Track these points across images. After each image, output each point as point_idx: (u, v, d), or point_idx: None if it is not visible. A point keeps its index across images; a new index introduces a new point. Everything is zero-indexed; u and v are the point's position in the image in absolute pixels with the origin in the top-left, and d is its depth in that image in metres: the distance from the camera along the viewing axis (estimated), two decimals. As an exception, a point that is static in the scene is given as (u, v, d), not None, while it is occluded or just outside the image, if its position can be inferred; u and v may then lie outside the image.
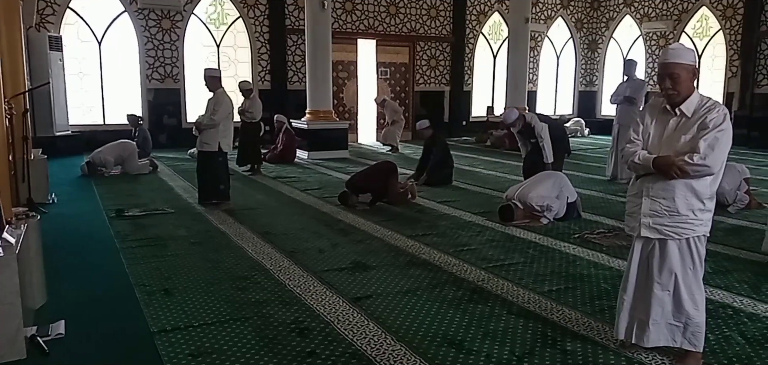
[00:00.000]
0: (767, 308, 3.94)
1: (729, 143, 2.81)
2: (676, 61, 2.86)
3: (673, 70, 2.85)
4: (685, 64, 2.86)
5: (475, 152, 13.12)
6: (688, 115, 2.88)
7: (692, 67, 2.89)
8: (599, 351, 3.26)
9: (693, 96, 2.89)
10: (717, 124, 2.77)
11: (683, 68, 2.85)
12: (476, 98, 16.55)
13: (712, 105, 2.85)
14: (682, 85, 2.86)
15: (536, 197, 6.26)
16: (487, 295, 4.14)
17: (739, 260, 5.03)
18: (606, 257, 5.08)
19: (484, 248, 5.37)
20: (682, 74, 2.85)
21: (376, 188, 7.23)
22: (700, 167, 2.77)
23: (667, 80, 2.87)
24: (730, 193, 6.85)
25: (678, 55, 2.87)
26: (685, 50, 2.92)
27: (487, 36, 16.51)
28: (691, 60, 2.88)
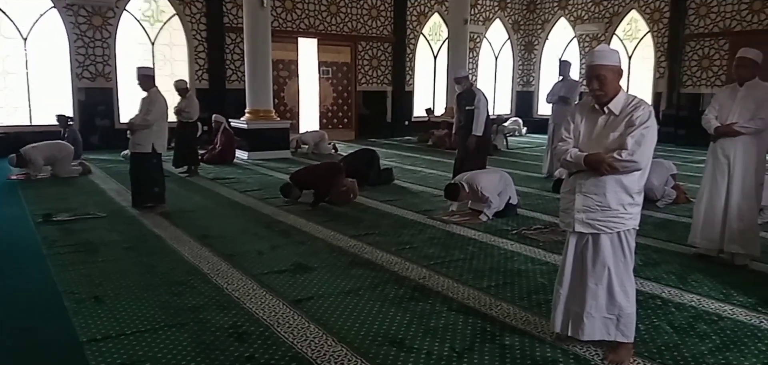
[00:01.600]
0: (693, 297, 4.13)
1: (654, 139, 2.93)
2: (602, 62, 2.97)
3: (599, 71, 2.96)
4: (611, 65, 2.97)
5: (417, 151, 13.22)
6: (616, 113, 2.99)
7: (617, 68, 3.00)
8: (536, 344, 3.33)
9: (620, 95, 3.01)
10: (643, 121, 2.88)
11: (609, 70, 2.96)
12: (418, 98, 16.69)
13: (638, 103, 2.96)
14: (609, 86, 2.97)
15: (484, 186, 6.40)
16: (428, 292, 4.16)
17: (667, 252, 5.26)
18: (542, 253, 5.20)
19: (425, 246, 5.41)
20: (609, 76, 2.95)
21: (320, 187, 7.16)
22: (629, 163, 2.88)
23: (595, 81, 2.98)
24: (658, 189, 7.16)
25: (604, 58, 2.98)
26: (610, 52, 3.03)
27: (427, 37, 16.67)
28: (616, 61, 3.00)
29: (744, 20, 13.35)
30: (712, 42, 13.98)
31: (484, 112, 7.50)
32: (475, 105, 7.47)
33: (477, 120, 7.41)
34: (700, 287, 4.35)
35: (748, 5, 13.26)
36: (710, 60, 14.03)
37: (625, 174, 2.93)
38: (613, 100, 3.00)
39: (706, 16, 14.02)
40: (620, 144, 2.90)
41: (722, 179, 4.80)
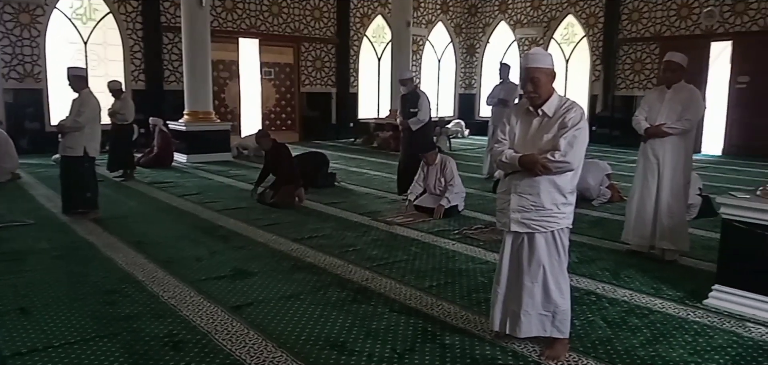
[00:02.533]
0: (625, 292, 4.28)
1: (586, 141, 3.01)
2: (536, 65, 3.04)
3: (533, 73, 3.03)
4: (544, 68, 3.05)
5: (362, 153, 13.22)
6: (549, 115, 3.06)
7: (551, 70, 3.08)
8: (476, 343, 3.37)
9: (553, 97, 3.08)
10: (575, 123, 2.96)
11: (542, 72, 3.03)
12: (362, 100, 16.69)
13: (570, 105, 3.05)
14: (542, 88, 3.04)
15: (455, 168, 6.89)
16: (370, 294, 4.16)
17: (601, 249, 5.44)
18: (483, 252, 5.28)
19: (369, 247, 5.40)
20: (542, 78, 3.03)
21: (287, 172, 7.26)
22: (561, 164, 2.95)
23: (529, 83, 3.05)
24: (594, 188, 7.40)
25: (537, 60, 3.06)
26: (544, 55, 3.11)
27: (371, 39, 16.69)
28: (549, 64, 3.08)
29: (673, 26, 13.97)
30: (643, 46, 14.57)
31: (426, 114, 7.56)
32: (418, 107, 7.53)
33: (417, 117, 7.49)
34: (633, 282, 4.51)
35: (677, 11, 13.89)
36: (642, 64, 14.61)
37: (558, 175, 3.00)
38: (546, 102, 3.07)
39: (638, 21, 14.60)
40: (553, 145, 2.97)
41: (652, 178, 5.01)
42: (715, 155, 13.11)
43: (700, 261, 4.99)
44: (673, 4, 13.93)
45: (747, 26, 12.75)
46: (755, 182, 4.58)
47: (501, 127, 3.27)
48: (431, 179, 6.95)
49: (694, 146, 5.03)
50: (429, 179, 6.97)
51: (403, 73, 8.00)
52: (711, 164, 11.46)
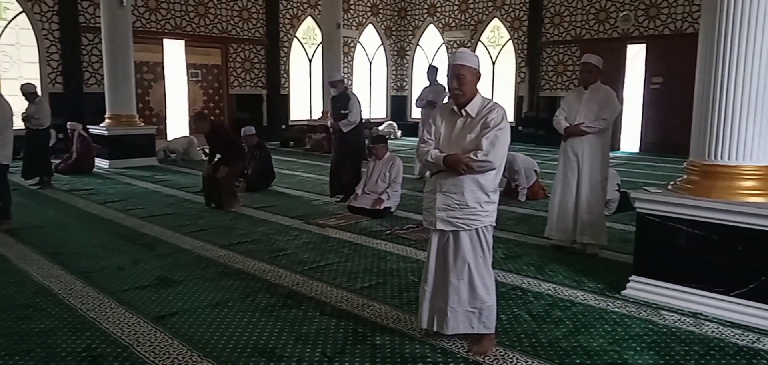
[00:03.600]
0: (549, 286, 4.43)
1: (508, 140, 3.11)
2: (462, 63, 3.12)
3: (459, 71, 3.10)
4: (470, 67, 3.13)
5: (294, 155, 13.09)
6: (472, 115, 3.13)
7: (476, 70, 3.15)
8: (406, 342, 3.40)
9: (476, 98, 3.16)
10: (496, 123, 3.04)
11: (468, 70, 3.11)
12: (294, 102, 16.51)
13: (493, 106, 3.13)
14: (467, 86, 3.11)
15: (401, 167, 7.04)
16: (300, 299, 4.11)
17: (527, 245, 5.60)
18: (414, 251, 5.33)
19: (300, 251, 5.34)
20: (467, 76, 3.11)
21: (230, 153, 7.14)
22: (484, 163, 3.02)
23: (454, 80, 3.12)
24: (522, 180, 7.78)
25: (464, 59, 3.14)
26: (470, 55, 3.20)
27: (301, 40, 16.55)
28: (475, 64, 3.16)
29: (592, 29, 14.60)
30: (565, 49, 15.15)
31: (357, 115, 7.58)
32: (349, 109, 7.52)
33: (348, 119, 7.49)
34: (556, 276, 4.68)
35: (595, 16, 14.53)
36: (564, 66, 15.19)
37: (481, 174, 3.07)
38: (470, 103, 3.14)
39: (560, 24, 15.17)
40: (476, 145, 3.04)
41: (573, 176, 5.21)
42: (632, 152, 13.78)
43: (619, 254, 5.22)
44: (591, 8, 14.56)
45: (660, 30, 13.49)
46: (669, 177, 4.84)
47: (427, 128, 3.32)
48: (376, 174, 6.96)
49: (612, 143, 5.27)
50: (374, 174, 6.98)
51: (333, 75, 7.98)
52: (629, 161, 12.04)
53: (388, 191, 6.79)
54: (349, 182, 7.48)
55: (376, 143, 7.14)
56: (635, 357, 3.25)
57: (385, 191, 6.78)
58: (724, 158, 3.76)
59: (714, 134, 3.78)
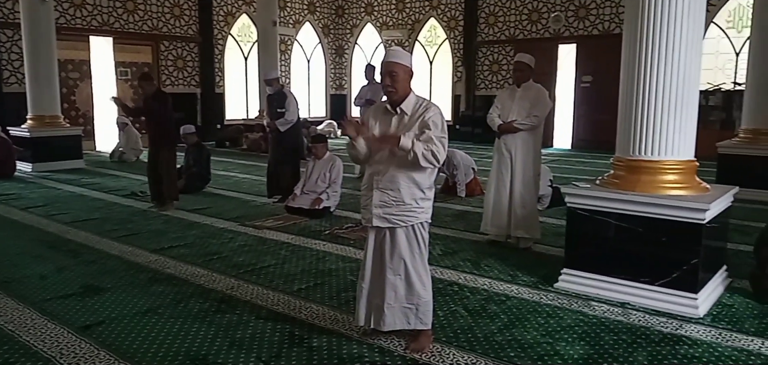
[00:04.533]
0: (485, 281, 4.49)
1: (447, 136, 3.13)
2: (395, 60, 3.14)
3: (392, 68, 3.11)
4: (403, 64, 3.14)
5: (230, 155, 12.81)
6: (408, 113, 3.15)
7: (408, 68, 3.17)
8: (343, 342, 3.37)
9: (410, 96, 3.18)
10: (436, 122, 3.07)
11: (401, 67, 3.13)
12: (230, 101, 16.15)
13: (428, 104, 3.16)
14: (400, 84, 3.12)
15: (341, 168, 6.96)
16: (235, 303, 4.00)
17: (464, 241, 5.68)
18: (353, 250, 5.30)
19: (235, 254, 5.21)
20: (400, 73, 3.12)
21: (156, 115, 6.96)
22: (432, 157, 3.05)
23: (387, 77, 3.12)
24: (460, 176, 7.91)
25: (396, 56, 3.16)
26: (402, 53, 3.22)
27: (236, 38, 16.21)
28: (407, 62, 3.17)
29: (525, 29, 14.99)
30: (500, 48, 15.49)
31: (294, 114, 7.47)
32: (285, 107, 7.41)
33: (285, 117, 7.38)
34: (492, 270, 4.75)
35: (528, 16, 14.92)
36: (499, 65, 15.52)
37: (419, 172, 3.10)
38: (404, 101, 3.15)
39: (495, 24, 15.49)
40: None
41: (506, 172, 5.32)
42: (565, 148, 14.24)
43: (552, 247, 5.37)
44: (524, 9, 14.94)
45: (589, 30, 13.99)
46: (599, 172, 5.01)
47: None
48: (315, 174, 6.87)
49: (545, 140, 5.42)
50: (313, 174, 6.89)
51: (268, 73, 7.84)
52: (561, 158, 12.43)
53: (328, 191, 6.73)
54: (287, 183, 7.37)
55: (316, 142, 7.06)
56: (567, 348, 3.33)
57: (325, 191, 6.72)
58: (648, 154, 3.92)
59: (638, 130, 3.93)
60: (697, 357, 3.23)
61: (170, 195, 7.03)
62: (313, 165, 6.95)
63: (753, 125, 7.91)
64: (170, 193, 7.03)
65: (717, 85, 12.48)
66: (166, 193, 6.99)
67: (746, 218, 6.16)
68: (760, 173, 7.42)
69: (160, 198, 7.02)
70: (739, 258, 4.83)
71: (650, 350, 3.32)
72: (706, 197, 3.83)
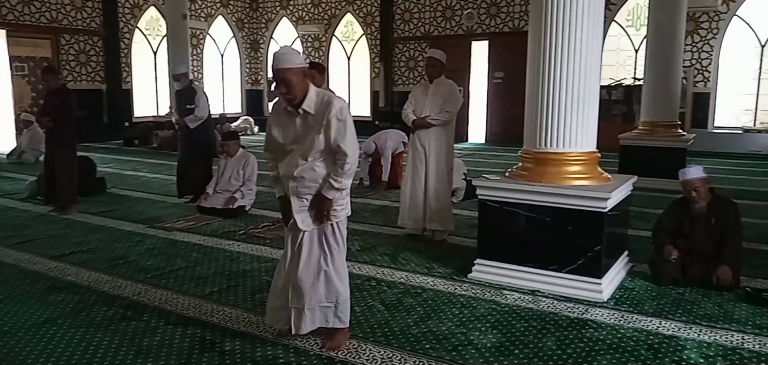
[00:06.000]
0: (402, 274, 4.53)
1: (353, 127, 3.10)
2: (285, 66, 2.95)
3: (284, 75, 2.95)
4: (294, 68, 2.97)
5: (139, 154, 12.25)
6: (311, 112, 3.05)
7: (301, 68, 3.01)
8: (258, 344, 3.28)
9: (310, 94, 3.06)
10: (341, 117, 3.01)
11: (293, 73, 2.96)
12: (138, 97, 15.42)
13: (330, 98, 3.06)
14: (296, 88, 2.99)
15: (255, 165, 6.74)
16: (143, 309, 3.82)
17: (382, 235, 5.70)
18: (269, 250, 5.20)
19: (143, 258, 4.97)
20: (293, 79, 2.96)
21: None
22: (351, 167, 3.05)
23: (283, 86, 2.98)
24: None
25: (285, 61, 2.96)
26: (290, 54, 3.03)
27: (144, 31, 15.50)
28: (299, 63, 3.01)
29: (440, 26, 15.26)
30: (415, 45, 15.68)
31: (205, 110, 7.22)
32: (195, 103, 7.15)
33: (193, 115, 7.14)
34: (409, 263, 4.80)
35: (442, 13, 15.19)
36: (415, 61, 15.72)
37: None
38: (305, 100, 3.04)
39: (410, 21, 15.67)
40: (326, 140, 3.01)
41: (421, 166, 5.38)
42: (479, 143, 14.63)
43: (466, 239, 5.48)
44: (439, 6, 15.20)
45: (500, 27, 14.43)
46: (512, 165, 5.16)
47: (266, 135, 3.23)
48: (228, 172, 6.65)
49: (459, 135, 5.53)
50: (226, 172, 6.67)
51: (176, 68, 7.54)
52: (476, 152, 12.76)
53: (242, 189, 6.56)
54: (198, 182, 7.12)
55: (227, 139, 6.87)
56: (480, 337, 3.41)
57: (239, 189, 6.54)
58: (553, 146, 4.07)
59: (543, 124, 4.08)
60: (602, 339, 3.39)
61: (70, 198, 6.60)
62: (226, 163, 6.75)
63: (651, 118, 8.43)
64: (69, 195, 6.60)
65: (618, 81, 13.22)
66: (60, 195, 6.55)
67: (646, 205, 6.54)
68: (658, 162, 7.91)
69: (61, 201, 6.59)
70: (639, 244, 5.12)
71: (558, 335, 3.45)
72: (608, 187, 4.03)
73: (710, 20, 12.46)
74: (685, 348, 3.28)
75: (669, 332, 3.49)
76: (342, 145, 3.00)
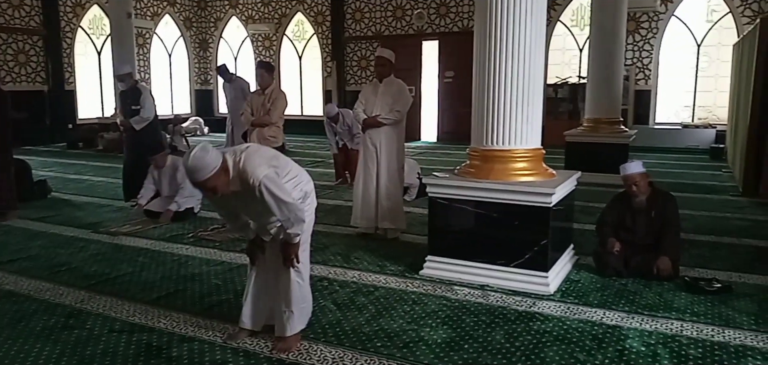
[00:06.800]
0: (355, 273, 4.53)
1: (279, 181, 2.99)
2: (203, 178, 2.73)
3: (206, 186, 2.77)
4: (212, 175, 2.74)
5: (84, 157, 11.86)
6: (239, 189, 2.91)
7: (219, 168, 2.77)
8: (206, 349, 3.23)
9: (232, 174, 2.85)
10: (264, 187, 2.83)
11: (213, 179, 2.75)
12: (82, 99, 14.91)
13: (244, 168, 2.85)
14: (223, 186, 2.82)
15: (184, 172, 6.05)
16: (86, 317, 3.70)
17: (335, 235, 5.69)
18: (219, 253, 5.12)
19: (86, 264, 4.82)
20: (217, 182, 2.78)
21: None
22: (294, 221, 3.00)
23: (209, 192, 2.87)
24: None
25: (201, 172, 2.73)
26: (203, 161, 2.72)
27: (87, 31, 15.00)
28: (214, 165, 2.74)
29: (390, 26, 15.32)
30: (367, 44, 15.70)
31: (151, 111, 7.03)
32: (141, 104, 6.97)
33: (140, 115, 6.95)
34: (361, 262, 4.81)
35: (393, 13, 15.26)
36: (367, 60, 15.73)
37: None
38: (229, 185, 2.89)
39: (361, 20, 15.67)
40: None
41: (373, 165, 5.40)
42: (431, 141, 14.76)
43: (419, 236, 5.52)
44: (389, 5, 15.26)
45: (450, 27, 14.59)
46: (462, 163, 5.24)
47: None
48: (163, 181, 6.48)
49: (412, 134, 5.57)
50: (161, 181, 6.49)
51: (119, 68, 7.34)
52: (428, 150, 12.87)
53: (177, 199, 6.30)
54: (145, 185, 6.93)
55: (154, 152, 6.53)
56: (431, 333, 3.44)
57: (175, 200, 6.32)
58: (499, 143, 4.15)
59: (490, 122, 4.15)
60: (549, 331, 3.48)
61: (8, 204, 6.32)
62: (159, 175, 6.51)
63: (594, 115, 8.69)
64: (7, 201, 6.31)
65: (564, 79, 13.57)
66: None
67: (590, 199, 6.74)
68: (602, 158, 8.17)
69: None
70: (584, 237, 5.27)
71: (507, 328, 3.52)
72: (552, 182, 4.13)
73: (650, 20, 12.92)
74: (628, 337, 3.39)
75: (613, 322, 3.61)
76: (278, 213, 2.92)
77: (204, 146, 2.78)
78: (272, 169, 2.91)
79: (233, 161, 2.86)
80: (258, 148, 3.10)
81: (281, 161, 3.10)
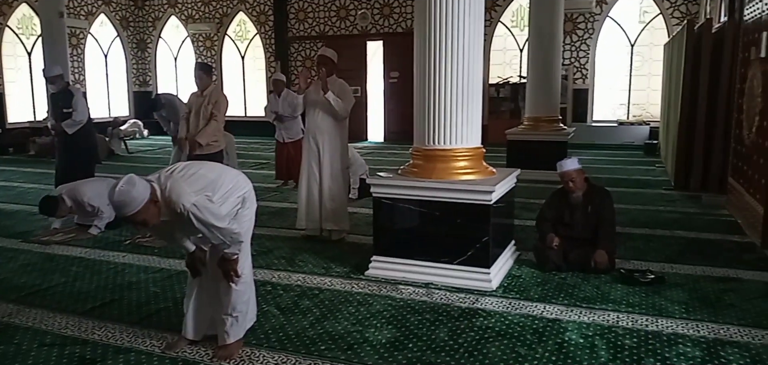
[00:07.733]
0: (299, 277, 4.48)
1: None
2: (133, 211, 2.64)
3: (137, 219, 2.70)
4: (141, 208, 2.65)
5: (14, 163, 11.31)
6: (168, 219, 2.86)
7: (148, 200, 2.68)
8: (143, 359, 3.12)
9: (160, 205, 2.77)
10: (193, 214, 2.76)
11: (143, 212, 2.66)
12: (12, 102, 14.18)
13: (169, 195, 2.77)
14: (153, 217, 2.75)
15: (91, 196, 5.70)
16: (14, 331, 3.52)
17: (279, 238, 5.61)
18: (157, 259, 4.96)
19: (15, 275, 4.59)
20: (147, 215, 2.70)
21: None
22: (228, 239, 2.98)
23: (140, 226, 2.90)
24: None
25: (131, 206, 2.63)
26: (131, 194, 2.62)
27: (16, 30, 14.28)
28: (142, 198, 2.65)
29: (335, 26, 15.26)
30: (311, 44, 15.58)
31: (84, 114, 6.76)
32: (73, 107, 6.69)
33: (73, 117, 6.66)
34: (306, 265, 4.76)
35: (337, 13, 15.20)
36: (312, 60, 15.60)
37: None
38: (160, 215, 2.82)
39: (305, 20, 15.55)
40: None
41: (316, 166, 5.37)
42: (378, 141, 14.79)
43: (364, 236, 5.51)
44: (333, 5, 15.20)
45: (394, 28, 14.65)
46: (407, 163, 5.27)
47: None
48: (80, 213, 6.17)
49: (358, 134, 5.55)
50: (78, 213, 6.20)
51: (49, 70, 7.00)
52: (375, 150, 12.89)
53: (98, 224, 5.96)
54: (80, 190, 6.65)
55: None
56: (375, 334, 3.44)
57: (94, 224, 5.99)
58: (441, 143, 4.19)
59: (431, 122, 4.19)
60: (491, 326, 3.53)
61: None
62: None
63: (534, 114, 8.91)
64: None
65: (506, 79, 13.86)
66: None
67: (531, 196, 6.89)
68: (541, 155, 8.37)
69: None
70: (525, 233, 5.39)
71: (451, 325, 3.55)
72: (493, 180, 4.20)
73: (586, 21, 13.35)
74: (567, 330, 3.48)
75: (552, 315, 3.69)
76: (211, 238, 2.91)
77: (130, 178, 2.65)
78: (201, 194, 2.80)
79: (160, 190, 2.75)
80: (185, 169, 2.94)
81: (211, 176, 2.97)
